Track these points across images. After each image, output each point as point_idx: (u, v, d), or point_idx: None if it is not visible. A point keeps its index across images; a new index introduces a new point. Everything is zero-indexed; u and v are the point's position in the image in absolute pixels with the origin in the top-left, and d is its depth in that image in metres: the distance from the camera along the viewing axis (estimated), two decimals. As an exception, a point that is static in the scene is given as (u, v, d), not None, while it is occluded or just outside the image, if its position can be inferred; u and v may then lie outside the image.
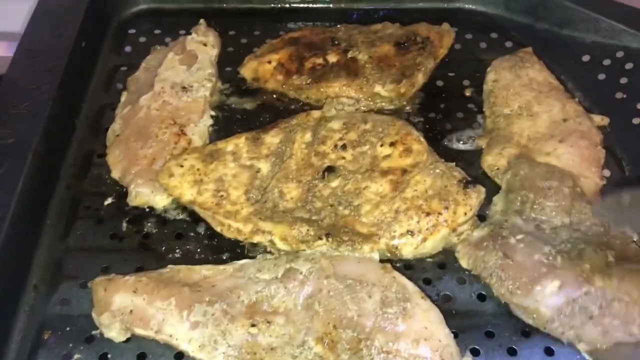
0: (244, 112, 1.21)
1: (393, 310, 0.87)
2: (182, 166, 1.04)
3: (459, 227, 0.98)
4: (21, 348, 0.89)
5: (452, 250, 1.00)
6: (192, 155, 1.06)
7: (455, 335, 0.88)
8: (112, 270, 0.97)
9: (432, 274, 0.98)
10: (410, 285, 0.91)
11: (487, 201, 1.03)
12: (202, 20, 1.31)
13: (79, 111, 1.20)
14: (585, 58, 1.27)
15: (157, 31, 1.38)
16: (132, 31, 1.38)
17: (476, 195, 1.00)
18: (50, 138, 1.08)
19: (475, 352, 0.90)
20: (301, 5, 1.44)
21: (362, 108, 1.18)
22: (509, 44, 1.36)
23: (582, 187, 1.02)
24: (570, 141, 1.07)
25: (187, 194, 1.02)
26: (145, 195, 1.04)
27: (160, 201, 1.04)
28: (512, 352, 0.90)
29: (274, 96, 1.24)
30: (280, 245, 0.98)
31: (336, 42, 1.24)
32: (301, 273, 0.92)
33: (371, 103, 1.19)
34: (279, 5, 1.43)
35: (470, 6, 1.43)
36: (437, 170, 1.02)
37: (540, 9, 1.35)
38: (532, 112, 1.13)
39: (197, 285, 0.92)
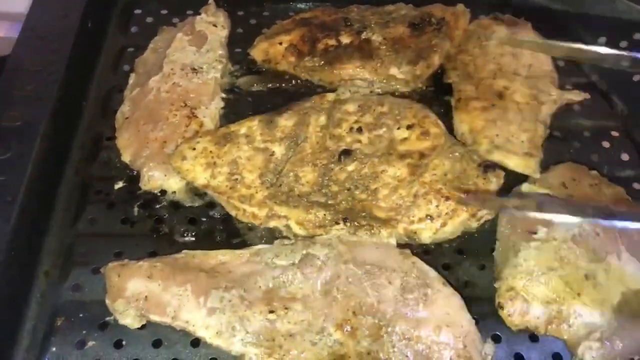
0: (254, 95, 1.18)
1: (414, 296, 0.86)
2: (194, 149, 1.02)
3: (478, 212, 0.96)
4: (34, 335, 0.87)
5: (470, 234, 0.98)
6: (205, 138, 1.04)
7: (477, 322, 0.86)
8: (124, 255, 0.95)
9: (451, 259, 0.97)
10: (430, 271, 0.89)
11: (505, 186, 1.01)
12: (211, 0, 1.27)
13: (87, 93, 1.17)
14: (602, 40, 1.24)
15: (163, 11, 1.34)
16: (138, 11, 1.34)
17: (496, 180, 0.98)
18: (57, 121, 1.06)
19: (496, 339, 0.88)
20: (310, -16, 1.40)
21: (377, 90, 1.15)
22: (523, 25, 1.32)
23: None
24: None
25: (201, 177, 1.00)
26: (158, 178, 1.01)
27: (174, 184, 1.02)
28: (534, 338, 0.89)
29: (286, 78, 1.21)
30: (297, 229, 0.96)
31: (349, 23, 1.22)
32: (318, 259, 0.90)
33: (386, 85, 1.16)
34: (289, -15, 1.40)
35: (486, -14, 1.40)
36: (456, 154, 1.00)
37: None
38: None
39: (214, 271, 0.90)
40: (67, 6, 1.22)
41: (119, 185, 1.04)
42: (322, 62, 1.16)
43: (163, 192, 1.03)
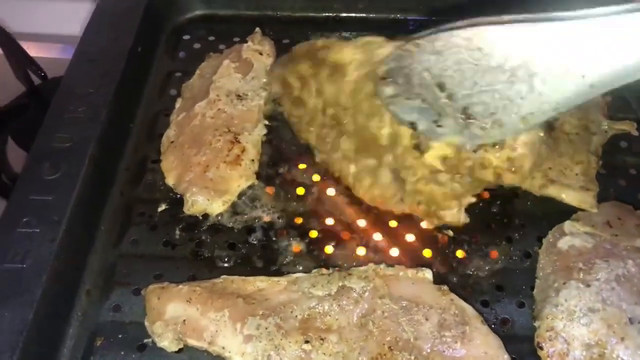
0: (296, 121, 1.20)
1: (451, 334, 0.85)
2: None
3: None
4: (73, 354, 0.89)
5: (510, 270, 0.97)
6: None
7: (515, 361, 0.85)
8: (164, 278, 0.96)
9: (489, 295, 0.95)
10: (469, 309, 0.88)
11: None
12: (257, 29, 1.30)
13: (134, 116, 1.20)
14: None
15: (211, 38, 1.37)
16: (186, 37, 1.38)
17: None
18: (105, 143, 1.08)
19: (535, 379, 0.87)
20: (355, 14, 1.42)
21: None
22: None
23: None
24: None
25: None
26: (202, 203, 1.03)
27: (217, 208, 1.03)
28: (574, 381, 0.87)
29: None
30: None
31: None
32: (355, 291, 0.90)
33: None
34: (334, 14, 1.42)
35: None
36: None
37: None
38: None
39: (251, 298, 0.91)
40: (119, 29, 1.25)
41: (162, 207, 1.06)
42: None
43: (205, 215, 1.05)
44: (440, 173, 0.98)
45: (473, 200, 1.02)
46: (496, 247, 1.01)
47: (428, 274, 0.93)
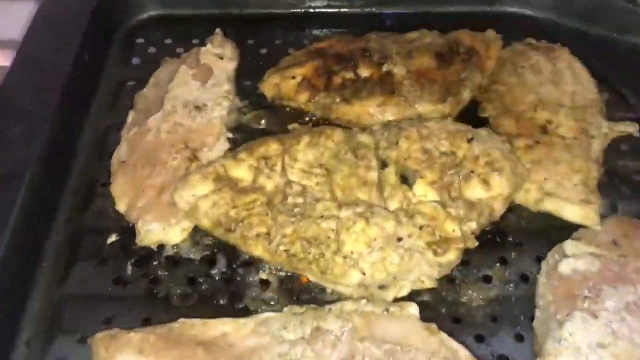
0: (264, 134, 1.05)
1: (443, 381, 0.74)
2: None
3: None
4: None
5: (506, 298, 0.87)
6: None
7: (516, 409, 0.74)
8: (115, 321, 0.85)
9: (484, 329, 0.85)
10: (461, 349, 0.78)
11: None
12: (218, 30, 1.17)
13: (81, 133, 1.07)
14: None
15: (167, 40, 1.25)
16: (140, 40, 1.25)
17: None
18: (48, 165, 0.97)
19: None
20: (326, 10, 1.29)
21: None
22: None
23: None
24: None
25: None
26: (157, 232, 0.91)
27: (174, 237, 0.92)
28: None
29: (299, 115, 1.10)
30: None
31: (368, 54, 1.11)
32: (331, 333, 0.79)
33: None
34: (302, 10, 1.29)
35: (516, 9, 1.28)
36: None
37: (596, 13, 1.20)
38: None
39: (213, 344, 0.79)
40: (65, 34, 1.13)
41: (112, 238, 0.94)
42: (339, 99, 1.05)
43: (161, 246, 0.93)
44: None
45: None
46: (489, 270, 0.91)
47: (414, 309, 0.81)
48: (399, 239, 0.85)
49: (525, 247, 0.93)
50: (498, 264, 0.91)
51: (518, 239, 0.94)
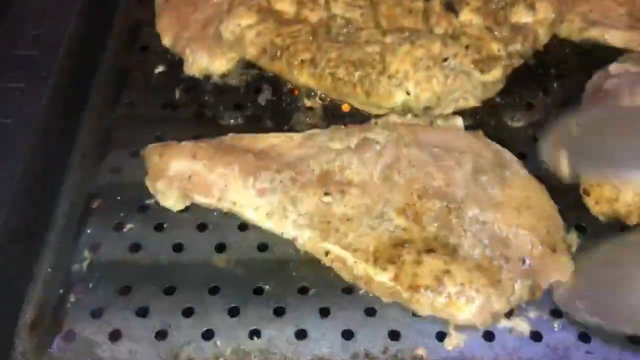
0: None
1: (488, 178, 0.76)
2: None
3: None
4: (70, 216, 0.81)
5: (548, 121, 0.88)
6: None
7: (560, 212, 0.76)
8: (165, 139, 0.87)
9: (527, 147, 0.86)
10: (507, 152, 0.79)
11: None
12: None
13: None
14: None
15: None
16: None
17: None
18: (91, 7, 0.98)
19: (580, 229, 0.78)
20: None
21: None
22: None
23: None
24: None
25: None
26: (204, 60, 0.93)
27: (220, 66, 0.93)
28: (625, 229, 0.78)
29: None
30: None
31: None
32: (377, 143, 0.81)
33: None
34: None
35: None
36: None
37: None
38: None
39: (263, 153, 0.82)
40: None
41: (160, 69, 0.96)
42: None
43: (207, 77, 0.94)
44: None
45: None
46: (533, 98, 0.91)
47: (458, 121, 0.83)
48: (445, 59, 0.86)
49: (567, 78, 0.93)
50: (541, 93, 0.92)
51: (561, 72, 0.94)
